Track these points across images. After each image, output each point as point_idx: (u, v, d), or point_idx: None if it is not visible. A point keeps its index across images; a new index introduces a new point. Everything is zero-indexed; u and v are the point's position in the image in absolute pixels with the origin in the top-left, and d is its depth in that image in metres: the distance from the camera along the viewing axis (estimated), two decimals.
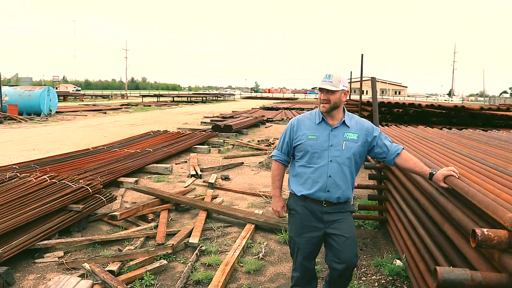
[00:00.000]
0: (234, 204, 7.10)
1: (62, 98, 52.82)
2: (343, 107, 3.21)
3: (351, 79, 17.17)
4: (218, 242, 5.30)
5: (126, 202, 7.11)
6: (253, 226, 5.65)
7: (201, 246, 5.01)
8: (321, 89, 3.10)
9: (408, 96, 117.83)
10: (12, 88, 28.11)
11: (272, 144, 14.17)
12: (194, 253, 4.81)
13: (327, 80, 3.08)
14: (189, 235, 5.35)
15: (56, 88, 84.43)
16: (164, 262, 4.55)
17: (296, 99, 76.60)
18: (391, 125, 8.89)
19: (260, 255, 4.89)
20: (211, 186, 8.11)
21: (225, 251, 4.98)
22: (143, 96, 64.15)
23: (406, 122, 11.55)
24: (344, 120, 3.17)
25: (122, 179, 8.25)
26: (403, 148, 3.25)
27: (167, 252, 4.65)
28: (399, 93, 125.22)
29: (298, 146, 3.21)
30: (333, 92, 3.07)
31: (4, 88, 27.20)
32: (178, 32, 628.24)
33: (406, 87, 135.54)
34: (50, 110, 26.68)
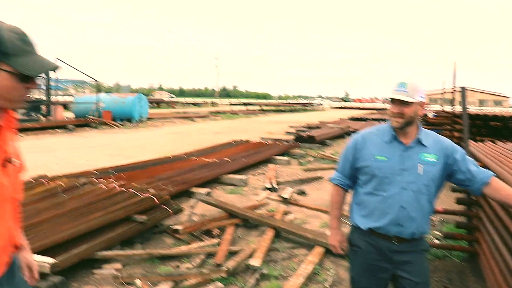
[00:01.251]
0: (307, 222, 6.63)
1: (155, 105, 55.05)
2: (418, 123, 2.63)
3: (443, 89, 16.03)
4: (282, 266, 4.86)
5: (195, 214, 6.88)
6: (323, 249, 5.15)
7: (263, 270, 4.61)
8: (393, 101, 2.53)
9: (511, 107, 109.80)
10: (108, 95, 29.62)
11: None
12: (254, 277, 4.42)
13: (401, 89, 2.50)
14: (252, 255, 4.97)
15: (152, 96, 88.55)
16: (220, 285, 4.20)
17: (386, 109, 74.13)
18: (486, 141, 7.95)
19: (327, 284, 4.39)
20: (285, 201, 7.69)
21: (289, 276, 4.54)
22: (232, 104, 65.22)
23: (506, 137, 10.38)
24: (419, 138, 2.58)
25: (195, 189, 8.07)
26: (493, 175, 2.59)
27: (220, 276, 4.29)
28: (500, 103, 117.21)
29: (363, 169, 2.65)
30: (408, 104, 2.49)
31: (101, 95, 28.72)
32: (269, 41, 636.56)
33: (508, 97, 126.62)
34: (141, 117, 27.71)
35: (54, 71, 1.67)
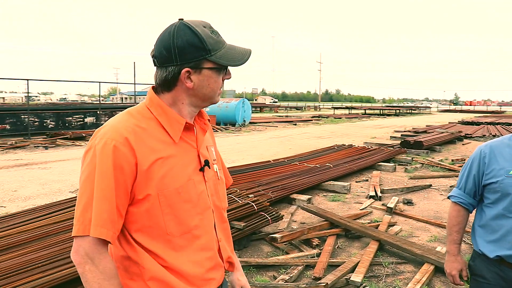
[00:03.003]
0: (414, 235, 6.14)
1: (258, 109, 55.85)
2: None
3: None
4: (386, 283, 4.49)
5: (295, 221, 6.68)
6: (432, 267, 4.68)
7: (364, 286, 4.28)
8: None
9: None
10: None
11: None
12: None
13: None
14: (353, 269, 4.65)
15: (255, 100, 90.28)
16: None
17: (502, 112, 68.50)
18: None
19: None
20: (390, 211, 7.23)
21: None
22: (335, 108, 64.29)
23: None
24: None
25: (295, 195, 7.88)
26: None
27: None
28: None
29: (491, 186, 2.23)
30: None
31: None
32: (374, 43, 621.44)
33: None
34: (244, 121, 28.15)
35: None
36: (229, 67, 1.57)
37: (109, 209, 1.38)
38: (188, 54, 1.44)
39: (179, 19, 1.50)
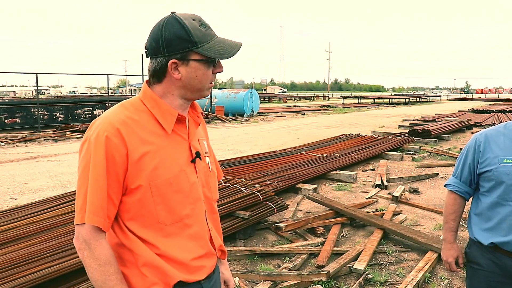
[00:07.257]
0: (419, 223, 6.16)
1: (267, 99, 55.78)
2: None
3: None
4: (389, 271, 4.52)
5: (300, 211, 6.73)
6: (435, 255, 4.71)
7: (367, 274, 4.32)
8: None
9: None
10: (220, 91, 30.62)
11: None
12: (357, 282, 4.15)
13: None
14: (356, 257, 4.69)
15: (264, 90, 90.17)
16: None
17: None
18: None
19: None
20: (395, 199, 7.25)
21: (396, 283, 4.21)
22: (344, 97, 64.03)
23: None
24: None
25: (301, 185, 7.92)
26: None
27: (321, 280, 4.07)
28: None
29: (486, 174, 2.23)
30: None
31: (214, 91, 29.73)
32: (382, 31, 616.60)
33: None
34: (252, 111, 28.20)
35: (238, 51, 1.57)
36: (220, 60, 1.60)
37: (102, 198, 1.43)
38: (174, 46, 1.48)
39: (171, 12, 1.54)
